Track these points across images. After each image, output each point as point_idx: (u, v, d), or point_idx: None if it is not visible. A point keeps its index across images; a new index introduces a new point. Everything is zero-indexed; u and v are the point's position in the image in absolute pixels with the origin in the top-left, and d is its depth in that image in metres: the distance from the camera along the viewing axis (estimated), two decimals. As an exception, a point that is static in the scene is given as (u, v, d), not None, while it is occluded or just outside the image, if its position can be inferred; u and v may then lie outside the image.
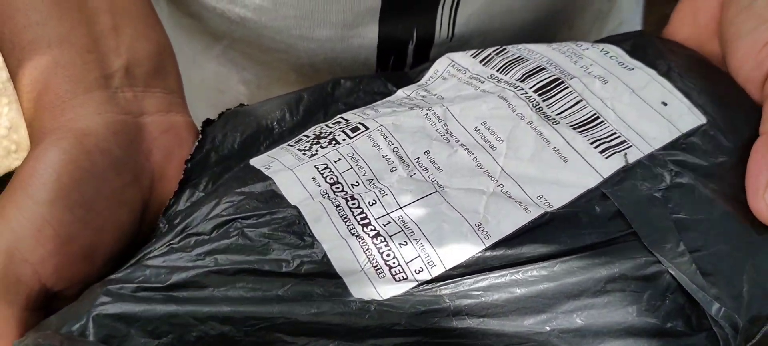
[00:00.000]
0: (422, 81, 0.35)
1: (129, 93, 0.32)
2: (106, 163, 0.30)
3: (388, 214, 0.29)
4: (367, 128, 0.32)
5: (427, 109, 0.32)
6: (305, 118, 0.34)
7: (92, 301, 0.27)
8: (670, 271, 0.28)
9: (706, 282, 0.28)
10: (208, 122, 0.34)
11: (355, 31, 0.40)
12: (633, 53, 0.34)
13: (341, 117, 0.33)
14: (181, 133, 0.33)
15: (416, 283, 0.27)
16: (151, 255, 0.28)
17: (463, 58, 0.35)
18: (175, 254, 0.28)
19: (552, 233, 0.28)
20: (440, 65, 0.36)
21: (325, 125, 0.33)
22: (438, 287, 0.27)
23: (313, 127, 0.33)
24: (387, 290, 0.27)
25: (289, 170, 0.30)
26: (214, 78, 0.45)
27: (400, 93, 0.35)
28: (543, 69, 0.33)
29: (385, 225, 0.28)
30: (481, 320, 0.27)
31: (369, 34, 0.40)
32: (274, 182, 0.30)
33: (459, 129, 0.31)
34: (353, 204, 0.29)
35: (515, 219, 0.28)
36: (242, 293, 0.27)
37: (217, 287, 0.27)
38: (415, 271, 0.27)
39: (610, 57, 0.34)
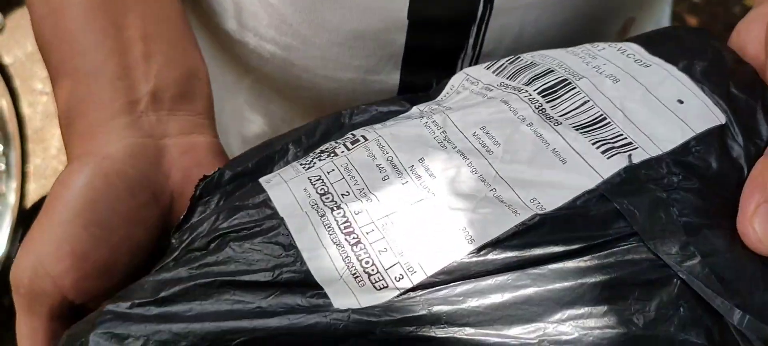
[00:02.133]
0: (439, 97, 0.35)
1: (153, 116, 0.34)
2: (123, 186, 0.32)
3: (372, 222, 0.28)
4: (365, 139, 0.31)
5: (427, 118, 0.31)
6: (321, 140, 0.34)
7: (93, 320, 0.28)
8: (681, 275, 0.26)
9: (724, 288, 0.25)
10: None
11: (377, 76, 0.42)
12: (651, 48, 0.32)
13: (351, 133, 0.33)
14: (200, 153, 0.35)
15: (398, 292, 0.26)
16: (154, 271, 0.29)
17: (477, 70, 0.35)
18: (172, 271, 0.29)
19: (543, 236, 0.27)
20: (456, 80, 0.35)
21: (334, 141, 0.33)
22: (418, 295, 0.26)
23: (324, 145, 0.33)
24: (367, 299, 0.26)
25: (284, 183, 0.30)
26: (243, 107, 0.48)
27: (415, 110, 0.34)
28: (551, 71, 0.32)
29: (367, 233, 0.28)
30: (461, 329, 0.26)
31: (390, 80, 0.42)
32: (268, 195, 0.30)
33: (457, 135, 0.30)
34: (339, 213, 0.28)
35: (502, 222, 0.27)
36: (224, 307, 0.27)
37: (202, 300, 0.27)
38: (396, 278, 0.27)
39: (627, 55, 0.32)
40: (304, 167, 0.31)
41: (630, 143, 0.29)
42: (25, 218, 0.75)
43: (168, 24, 0.36)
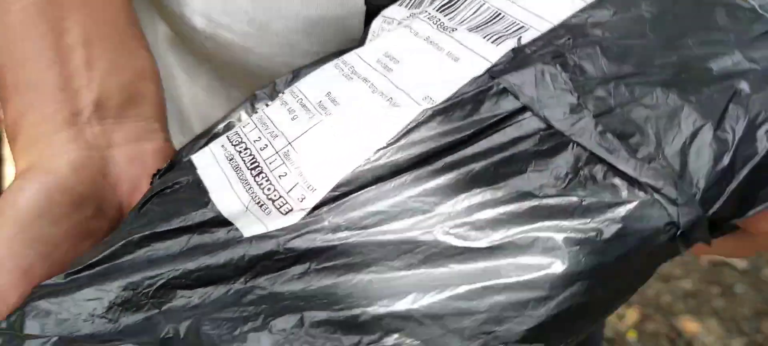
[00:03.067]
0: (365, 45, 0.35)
1: (97, 127, 0.34)
2: (67, 201, 0.32)
3: (276, 153, 0.28)
4: (282, 94, 0.32)
5: (338, 59, 0.32)
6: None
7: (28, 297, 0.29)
8: (573, 138, 0.25)
9: (624, 144, 0.24)
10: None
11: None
12: None
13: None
14: (148, 161, 0.35)
15: (303, 212, 0.26)
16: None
17: (392, 9, 0.35)
18: (106, 240, 0.29)
19: (433, 128, 0.26)
20: (375, 24, 0.35)
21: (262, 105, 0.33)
22: (322, 211, 0.26)
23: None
24: (274, 224, 0.26)
25: (207, 148, 0.31)
26: (204, 94, 0.47)
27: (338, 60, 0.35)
28: None
29: (270, 162, 0.28)
30: (361, 231, 0.25)
31: None
32: (191, 159, 0.31)
33: (362, 66, 0.30)
34: (246, 153, 0.29)
35: (396, 123, 0.27)
36: (144, 257, 0.27)
37: (124, 256, 0.28)
38: (299, 199, 0.27)
39: None
40: (225, 133, 0.32)
41: (522, 26, 0.28)
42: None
43: (111, 25, 0.35)
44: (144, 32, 0.38)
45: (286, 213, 0.27)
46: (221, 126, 0.34)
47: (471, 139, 0.26)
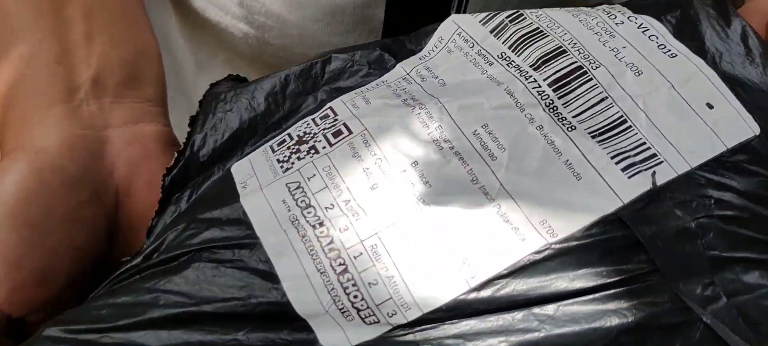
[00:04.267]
0: (424, 52, 0.30)
1: (94, 106, 0.31)
2: (59, 182, 0.28)
3: (361, 242, 0.25)
4: (350, 132, 0.27)
5: (420, 107, 0.27)
6: (292, 107, 0.30)
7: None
8: (705, 319, 0.23)
9: (753, 334, 0.23)
10: (193, 120, 0.30)
11: None
12: (678, 31, 0.28)
13: (330, 108, 0.29)
14: (148, 144, 0.31)
15: (389, 326, 0.23)
16: (108, 286, 0.26)
17: (471, 24, 0.30)
18: (131, 293, 0.25)
19: (554, 270, 0.24)
20: (445, 32, 0.30)
21: (311, 121, 0.28)
22: (414, 332, 0.23)
23: (298, 123, 0.29)
24: (357, 335, 0.23)
25: (260, 191, 0.26)
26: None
27: (399, 69, 0.30)
28: (564, 52, 0.28)
29: (355, 257, 0.24)
30: None
31: None
32: (243, 208, 0.26)
33: (455, 132, 0.26)
34: (322, 232, 0.25)
35: (509, 253, 0.24)
36: (194, 340, 0.24)
37: (169, 329, 0.24)
38: (388, 315, 0.24)
39: (650, 36, 0.28)
40: (281, 167, 0.27)
41: (654, 156, 0.25)
42: None
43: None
44: (155, 24, 0.35)
45: (371, 325, 0.24)
46: (249, 122, 0.29)
47: (593, 292, 0.23)
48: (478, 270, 0.24)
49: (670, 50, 0.27)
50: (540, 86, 0.27)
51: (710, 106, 0.26)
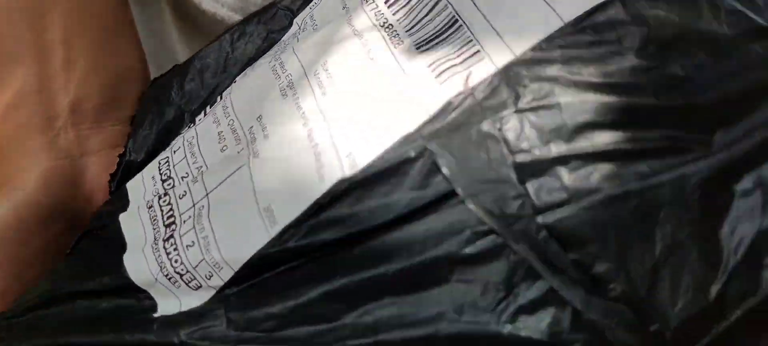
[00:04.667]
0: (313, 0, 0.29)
1: (72, 133, 0.31)
2: (34, 219, 0.30)
3: (193, 206, 0.24)
4: (221, 98, 0.27)
5: (275, 59, 0.26)
6: (210, 92, 0.30)
7: None
8: (511, 245, 0.19)
9: (573, 257, 0.18)
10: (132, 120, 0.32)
11: None
12: None
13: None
14: None
15: (213, 290, 0.23)
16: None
17: None
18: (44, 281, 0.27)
19: (347, 208, 0.21)
20: None
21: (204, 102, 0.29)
22: (226, 294, 0.22)
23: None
24: (187, 301, 0.23)
25: (140, 175, 0.27)
26: None
27: (294, 25, 0.29)
28: None
29: (184, 222, 0.24)
30: (260, 335, 0.21)
31: None
32: (126, 187, 0.27)
33: (301, 79, 0.25)
34: (165, 201, 0.25)
35: (309, 193, 0.21)
36: (64, 318, 0.25)
37: (51, 309, 0.26)
38: (206, 276, 0.23)
39: None
40: (163, 146, 0.28)
41: (477, 53, 0.21)
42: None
43: (95, 21, 0.32)
44: (150, 17, 0.35)
45: (196, 289, 0.23)
46: (176, 113, 0.30)
47: (385, 230, 0.20)
48: (279, 217, 0.22)
49: None
50: (377, 6, 0.24)
51: None
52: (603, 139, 0.18)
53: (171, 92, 0.30)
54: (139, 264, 0.24)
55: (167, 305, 0.23)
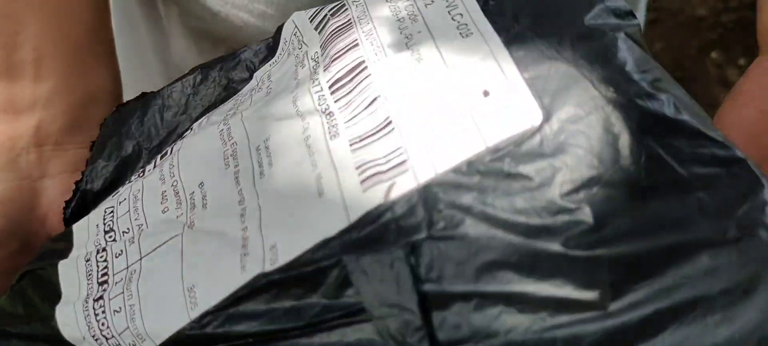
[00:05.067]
0: (275, 56, 0.29)
1: (33, 155, 0.31)
2: None
3: (127, 268, 0.25)
4: (170, 152, 0.27)
5: (224, 124, 0.26)
6: (170, 129, 0.30)
7: None
8: None
9: None
10: (91, 146, 0.32)
11: None
12: (494, 3, 0.23)
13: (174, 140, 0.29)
14: None
15: None
16: None
17: (303, 22, 0.27)
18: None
19: (267, 302, 0.21)
20: (287, 32, 0.28)
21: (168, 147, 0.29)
22: None
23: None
24: None
25: (87, 217, 0.28)
26: None
27: (253, 80, 0.29)
28: (356, 46, 0.24)
29: (115, 284, 0.24)
30: None
31: None
32: (71, 229, 0.28)
33: (243, 150, 0.25)
34: (101, 257, 0.25)
35: (229, 282, 0.22)
36: None
37: None
38: (129, 344, 0.23)
39: (454, 16, 0.23)
40: (111, 193, 0.28)
41: (403, 163, 0.21)
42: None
43: (68, 41, 0.32)
44: (157, 15, 0.34)
45: None
46: (134, 150, 0.30)
47: (297, 333, 0.21)
48: (200, 301, 0.22)
49: (466, 30, 0.23)
50: (322, 90, 0.24)
51: (486, 94, 0.21)
52: (507, 280, 0.19)
53: (131, 125, 0.31)
54: (70, 318, 0.25)
55: None
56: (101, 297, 0.24)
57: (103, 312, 0.24)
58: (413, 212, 0.20)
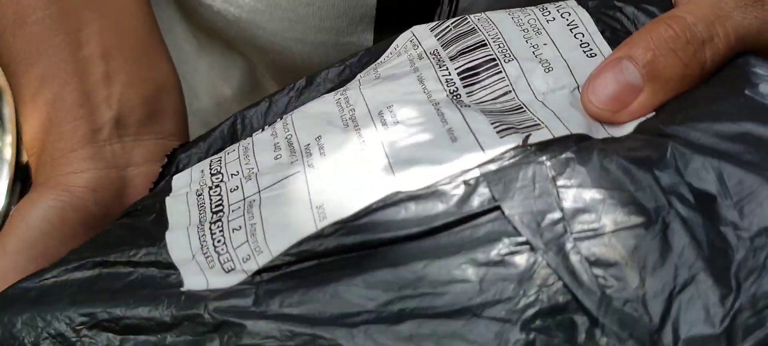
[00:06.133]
0: (381, 59, 0.31)
1: (117, 145, 0.32)
2: (79, 221, 0.30)
3: (244, 199, 0.26)
4: (281, 119, 0.29)
5: (341, 94, 0.29)
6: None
7: None
8: (541, 257, 0.21)
9: (597, 273, 0.21)
10: (174, 152, 0.33)
11: (350, 38, 0.39)
12: (605, 27, 0.27)
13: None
14: None
15: (244, 274, 0.24)
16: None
17: (423, 30, 0.31)
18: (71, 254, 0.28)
19: (395, 214, 0.23)
20: (401, 40, 0.31)
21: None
22: (258, 280, 0.24)
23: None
24: (215, 281, 0.24)
25: (189, 170, 0.29)
26: (214, 69, 0.45)
27: (356, 79, 0.31)
28: (483, 45, 0.28)
29: (233, 210, 0.26)
30: (279, 324, 0.23)
31: (364, 42, 0.39)
32: (172, 179, 0.29)
33: (363, 111, 0.27)
34: (215, 192, 0.27)
35: (361, 199, 0.24)
36: (89, 286, 0.26)
37: (75, 275, 0.26)
38: (243, 259, 0.24)
39: (576, 34, 0.27)
40: (217, 153, 0.30)
41: (537, 125, 0.24)
42: (23, 172, 0.75)
43: (131, 35, 0.33)
44: (156, 9, 0.36)
45: (228, 272, 0.24)
46: (226, 124, 0.31)
47: (428, 235, 0.23)
48: (329, 213, 0.24)
49: (591, 50, 0.27)
50: (450, 75, 0.27)
51: None
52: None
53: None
54: (180, 241, 0.25)
55: (194, 282, 0.24)
56: (219, 220, 0.25)
57: (221, 231, 0.25)
58: (548, 147, 0.23)
